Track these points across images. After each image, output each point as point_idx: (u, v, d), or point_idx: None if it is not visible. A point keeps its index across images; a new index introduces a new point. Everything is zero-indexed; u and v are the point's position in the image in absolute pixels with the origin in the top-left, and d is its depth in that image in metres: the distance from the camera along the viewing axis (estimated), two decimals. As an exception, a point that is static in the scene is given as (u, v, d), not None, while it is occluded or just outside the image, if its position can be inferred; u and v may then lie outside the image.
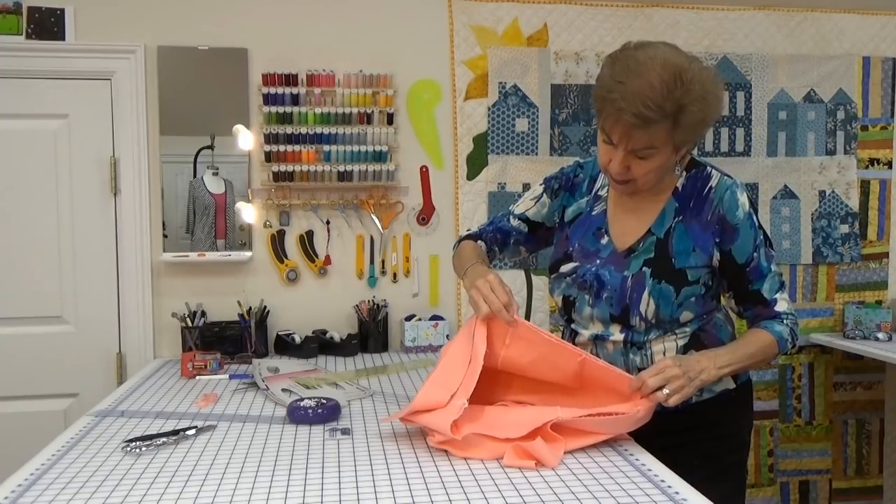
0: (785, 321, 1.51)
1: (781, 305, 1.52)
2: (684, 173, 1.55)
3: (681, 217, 1.52)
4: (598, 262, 1.56)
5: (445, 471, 1.31)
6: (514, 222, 1.75)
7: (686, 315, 1.51)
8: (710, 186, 1.51)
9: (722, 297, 1.60)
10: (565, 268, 1.60)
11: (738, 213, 1.48)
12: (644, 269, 1.50)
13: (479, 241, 1.77)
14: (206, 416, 1.75)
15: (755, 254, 1.50)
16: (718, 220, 1.49)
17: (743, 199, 1.49)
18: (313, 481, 1.28)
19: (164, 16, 2.66)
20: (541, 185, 1.74)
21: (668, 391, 1.37)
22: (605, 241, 1.57)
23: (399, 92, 2.78)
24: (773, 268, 1.52)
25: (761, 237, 1.51)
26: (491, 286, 1.47)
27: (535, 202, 1.73)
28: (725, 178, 1.53)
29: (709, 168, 1.55)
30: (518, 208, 1.75)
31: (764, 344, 1.50)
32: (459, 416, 1.36)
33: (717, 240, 1.49)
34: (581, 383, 1.47)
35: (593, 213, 1.62)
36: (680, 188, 1.54)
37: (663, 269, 1.49)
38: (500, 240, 1.76)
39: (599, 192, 1.64)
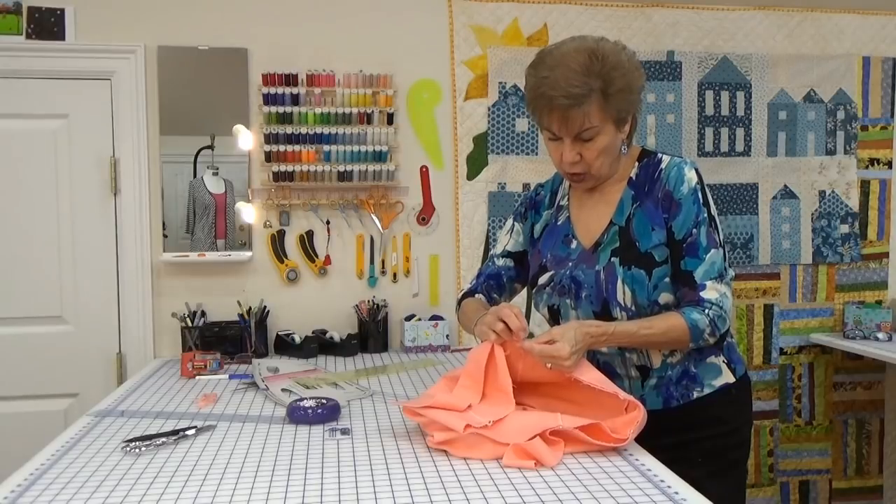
0: (706, 310, 1.46)
1: (709, 293, 1.47)
2: (637, 164, 1.58)
3: (638, 203, 1.55)
4: (570, 264, 1.58)
5: (445, 471, 1.31)
6: (500, 262, 1.78)
7: (665, 297, 1.51)
8: (661, 168, 1.55)
9: None
10: (542, 279, 1.63)
11: (683, 189, 1.50)
12: (612, 259, 1.52)
13: (477, 296, 1.76)
14: (206, 416, 1.75)
15: (694, 230, 1.49)
16: (665, 195, 1.52)
17: (690, 175, 1.51)
18: (313, 481, 1.28)
19: (164, 16, 2.66)
20: (510, 218, 1.79)
21: (550, 366, 1.42)
22: (574, 245, 1.60)
23: (399, 92, 2.78)
24: (715, 251, 1.48)
25: (705, 215, 1.50)
26: (498, 314, 1.49)
27: (510, 234, 1.77)
28: (675, 158, 1.56)
29: (660, 154, 1.58)
30: (497, 249, 1.79)
31: (671, 329, 1.46)
32: (475, 425, 1.38)
33: (665, 216, 1.51)
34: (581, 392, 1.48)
35: (558, 223, 1.66)
36: (634, 177, 1.57)
37: (630, 255, 1.51)
38: (495, 285, 1.77)
39: (561, 203, 1.68)
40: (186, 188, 2.69)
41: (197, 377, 2.22)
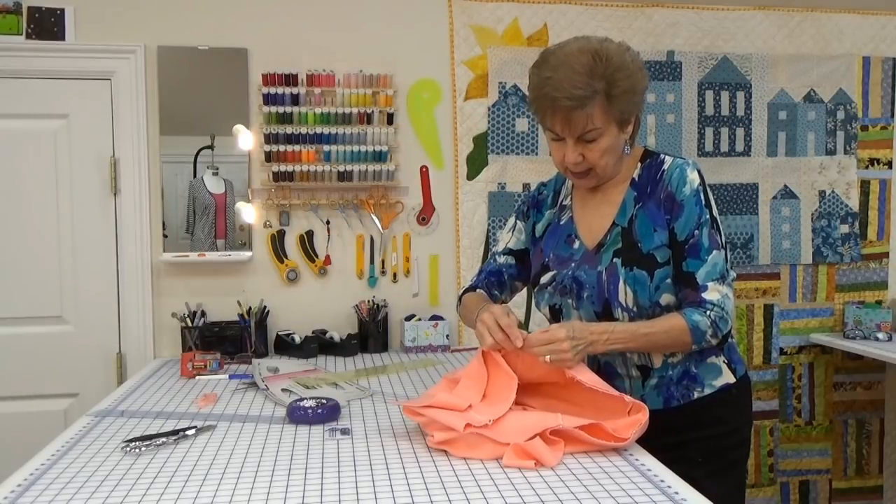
0: (708, 311, 1.46)
1: (711, 294, 1.46)
2: (639, 164, 1.58)
3: (640, 204, 1.55)
4: (572, 265, 1.58)
5: (445, 471, 1.31)
6: (501, 259, 1.77)
7: (667, 298, 1.51)
8: (663, 169, 1.55)
9: None
10: (545, 278, 1.63)
11: (685, 190, 1.50)
12: (615, 260, 1.52)
13: (478, 291, 1.76)
14: (206, 416, 1.75)
15: (696, 231, 1.49)
16: (667, 197, 1.52)
17: (692, 176, 1.51)
18: (313, 481, 1.28)
19: (164, 16, 2.66)
20: (512, 216, 1.78)
21: (550, 359, 1.41)
22: (576, 245, 1.60)
23: (399, 92, 2.78)
24: (717, 253, 1.48)
25: (707, 217, 1.50)
26: (495, 317, 1.47)
27: (512, 232, 1.77)
28: (678, 159, 1.56)
29: (662, 155, 1.58)
30: (499, 246, 1.79)
31: (672, 330, 1.46)
32: (475, 424, 1.38)
33: (668, 217, 1.51)
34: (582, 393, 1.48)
35: (561, 222, 1.66)
36: (637, 178, 1.57)
37: (632, 256, 1.51)
38: (496, 282, 1.77)
39: (564, 203, 1.68)
40: (186, 188, 2.69)
41: (197, 377, 2.22)
